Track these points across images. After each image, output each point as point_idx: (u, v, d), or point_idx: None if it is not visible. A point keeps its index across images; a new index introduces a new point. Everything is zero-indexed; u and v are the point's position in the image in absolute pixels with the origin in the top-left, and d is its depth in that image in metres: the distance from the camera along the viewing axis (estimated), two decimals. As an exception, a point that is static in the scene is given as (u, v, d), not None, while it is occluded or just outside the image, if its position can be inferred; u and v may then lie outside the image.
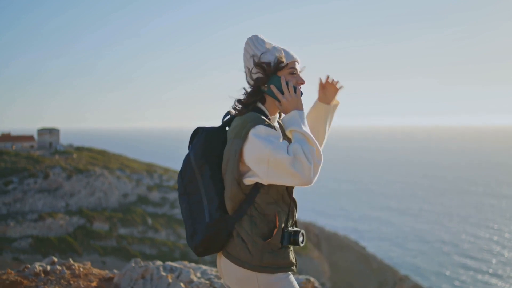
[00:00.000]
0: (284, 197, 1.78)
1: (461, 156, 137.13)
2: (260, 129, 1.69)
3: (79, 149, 50.69)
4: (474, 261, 39.01)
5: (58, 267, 3.27)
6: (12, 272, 3.19)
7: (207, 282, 2.95)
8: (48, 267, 3.25)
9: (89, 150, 51.88)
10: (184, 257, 33.83)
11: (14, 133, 59.49)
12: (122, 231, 35.25)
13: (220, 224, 1.73)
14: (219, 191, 1.77)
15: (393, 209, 58.41)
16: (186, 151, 1.95)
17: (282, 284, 1.74)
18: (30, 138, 53.45)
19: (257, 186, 1.73)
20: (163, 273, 2.94)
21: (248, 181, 1.72)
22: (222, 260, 1.79)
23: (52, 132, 52.59)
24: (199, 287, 2.85)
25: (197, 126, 1.91)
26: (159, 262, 3.26)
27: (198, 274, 3.09)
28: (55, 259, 3.53)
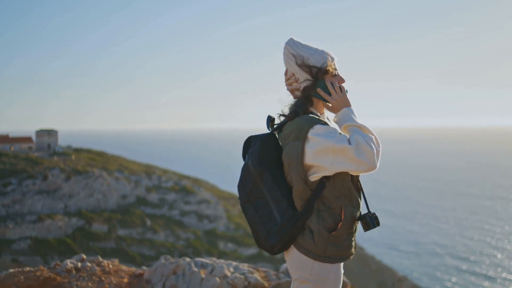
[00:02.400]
0: (350, 190, 1.90)
1: (459, 157, 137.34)
2: (318, 128, 1.83)
3: (77, 151, 50.72)
4: (468, 263, 39.23)
5: (88, 264, 3.41)
6: (45, 269, 3.33)
7: (241, 277, 3.04)
8: (79, 264, 3.39)
9: (88, 151, 51.90)
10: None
11: (12, 134, 59.38)
12: (121, 232, 35.29)
13: (292, 221, 1.84)
14: (284, 192, 1.88)
15: (388, 211, 58.57)
16: (185, 152, 2.01)
17: (331, 275, 1.89)
18: (28, 139, 53.36)
19: (323, 181, 1.85)
20: (195, 269, 3.04)
21: (314, 177, 1.85)
22: (289, 248, 1.92)
23: (51, 133, 52.53)
24: (234, 281, 2.95)
25: (249, 136, 2.01)
26: (188, 259, 3.38)
27: (231, 269, 3.19)
28: (84, 256, 3.67)
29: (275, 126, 2.00)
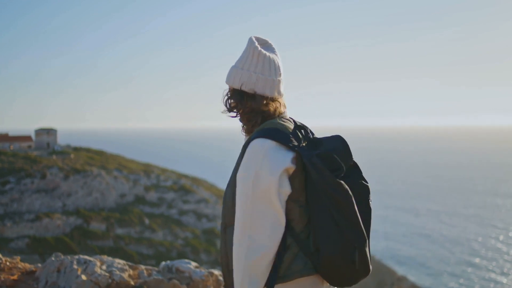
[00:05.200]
0: None
1: (462, 156, 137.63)
2: None
3: (76, 149, 50.57)
4: (480, 259, 39.47)
5: (-17, 261, 3.40)
6: None
7: (107, 274, 3.10)
8: (-27, 260, 3.40)
9: (87, 150, 51.77)
10: (181, 257, 33.79)
11: (12, 133, 59.33)
12: (119, 231, 35.19)
13: None
14: None
15: (392, 207, 58.43)
16: (184, 151, 1.87)
17: None
18: (28, 138, 53.35)
19: None
20: (75, 266, 3.16)
21: None
22: None
23: (50, 132, 52.49)
24: (98, 279, 3.03)
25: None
26: (76, 256, 3.39)
27: (104, 267, 3.26)
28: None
29: None
